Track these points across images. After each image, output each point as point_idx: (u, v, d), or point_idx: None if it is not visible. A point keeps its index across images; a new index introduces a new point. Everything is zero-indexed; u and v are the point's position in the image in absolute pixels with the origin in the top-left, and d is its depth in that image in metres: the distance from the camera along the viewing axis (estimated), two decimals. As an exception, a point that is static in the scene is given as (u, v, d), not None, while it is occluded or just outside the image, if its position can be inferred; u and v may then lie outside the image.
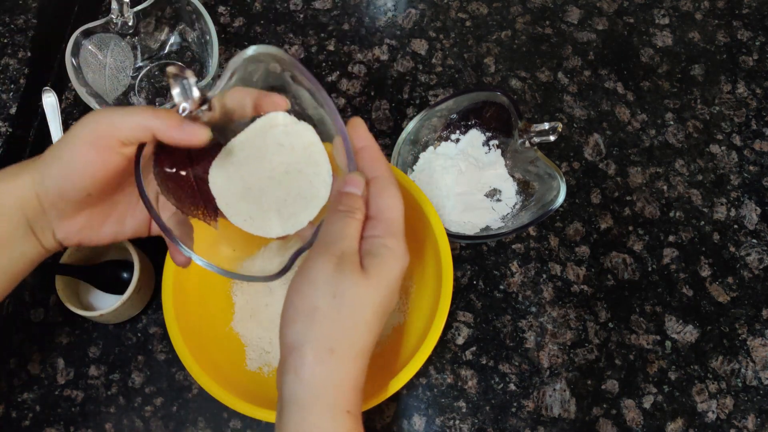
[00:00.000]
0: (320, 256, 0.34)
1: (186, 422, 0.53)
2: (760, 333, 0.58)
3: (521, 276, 0.59)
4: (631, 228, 0.62)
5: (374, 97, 0.67)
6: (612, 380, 0.56)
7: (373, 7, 0.72)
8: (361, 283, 0.34)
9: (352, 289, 0.34)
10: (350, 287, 0.34)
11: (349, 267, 0.34)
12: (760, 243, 0.62)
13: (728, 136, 0.67)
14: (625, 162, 0.65)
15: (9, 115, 0.61)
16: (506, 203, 0.60)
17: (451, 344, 0.57)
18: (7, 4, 0.67)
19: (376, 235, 0.36)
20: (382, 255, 0.35)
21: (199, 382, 0.44)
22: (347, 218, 0.35)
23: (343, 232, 0.35)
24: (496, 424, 0.54)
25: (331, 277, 0.34)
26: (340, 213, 0.36)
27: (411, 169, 0.61)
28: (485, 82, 0.68)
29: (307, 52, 0.69)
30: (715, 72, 0.70)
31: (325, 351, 0.33)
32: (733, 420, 0.55)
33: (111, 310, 0.50)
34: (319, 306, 0.33)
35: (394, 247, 0.35)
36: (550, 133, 0.52)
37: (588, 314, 0.58)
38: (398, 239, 0.36)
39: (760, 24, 0.73)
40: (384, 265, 0.35)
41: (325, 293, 0.33)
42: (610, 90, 0.68)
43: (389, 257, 0.35)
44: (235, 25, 0.70)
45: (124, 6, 0.60)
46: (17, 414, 0.53)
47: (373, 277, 0.34)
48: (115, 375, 0.55)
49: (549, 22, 0.72)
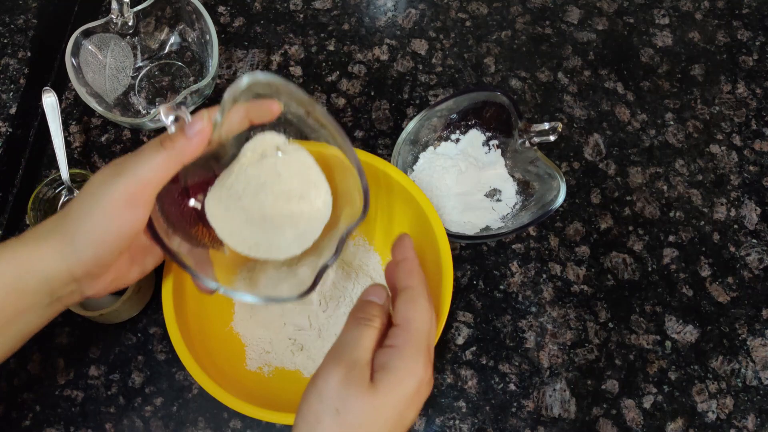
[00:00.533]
0: (330, 365, 0.33)
1: (186, 422, 0.53)
2: (760, 333, 0.58)
3: (521, 276, 0.59)
4: (631, 228, 0.62)
5: (374, 97, 0.67)
6: (612, 380, 0.56)
7: (373, 7, 0.72)
8: (367, 399, 0.32)
9: (357, 406, 0.32)
10: (355, 403, 0.32)
11: (356, 381, 0.33)
12: (760, 243, 0.62)
13: (728, 136, 0.67)
14: (625, 162, 0.65)
15: (9, 115, 0.61)
16: (506, 203, 0.60)
17: (451, 344, 0.57)
18: (7, 4, 0.67)
19: (395, 345, 0.34)
20: (396, 369, 0.33)
21: (199, 382, 0.44)
22: (363, 326, 0.35)
23: (357, 341, 0.34)
24: (496, 424, 0.54)
25: (336, 391, 0.32)
26: (358, 320, 0.35)
27: (411, 169, 0.61)
28: (485, 82, 0.68)
29: (307, 52, 0.69)
30: (715, 72, 0.70)
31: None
32: (733, 420, 0.55)
33: (111, 310, 0.50)
34: (322, 420, 0.32)
35: (412, 360, 0.34)
36: (550, 133, 0.52)
37: (588, 314, 0.58)
38: (419, 352, 0.34)
39: (760, 24, 0.73)
40: (395, 380, 0.33)
41: (328, 407, 0.32)
42: (610, 90, 0.68)
43: (403, 372, 0.33)
44: (235, 25, 0.70)
45: (124, 6, 0.60)
46: (17, 414, 0.53)
47: (381, 394, 0.32)
48: (115, 375, 0.55)
49: (549, 22, 0.72)
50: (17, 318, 0.36)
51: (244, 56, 0.69)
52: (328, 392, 0.33)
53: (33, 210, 0.56)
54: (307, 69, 0.68)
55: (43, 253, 0.35)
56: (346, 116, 0.66)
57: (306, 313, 0.53)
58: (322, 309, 0.53)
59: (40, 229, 0.37)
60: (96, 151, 0.63)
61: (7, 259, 0.35)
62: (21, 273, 0.35)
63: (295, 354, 0.52)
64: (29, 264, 0.35)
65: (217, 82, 0.66)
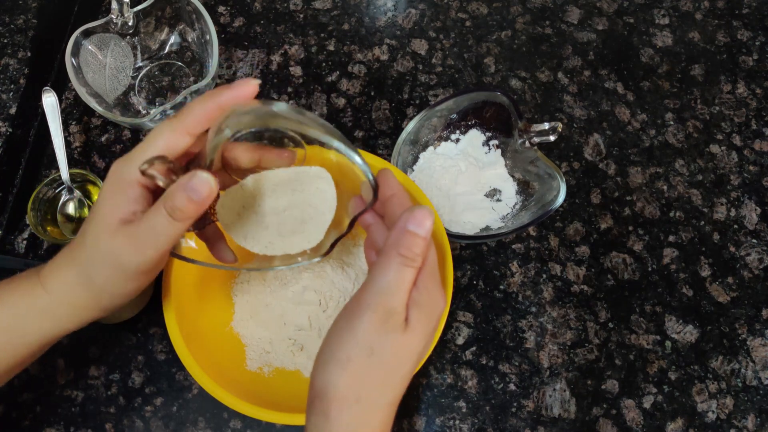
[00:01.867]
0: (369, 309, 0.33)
1: (186, 422, 0.53)
2: (760, 333, 0.58)
3: (521, 276, 0.59)
4: (631, 228, 0.62)
5: (374, 97, 0.67)
6: (612, 380, 0.56)
7: (373, 7, 0.72)
8: (403, 340, 0.33)
9: (393, 347, 0.33)
10: (391, 346, 0.33)
11: (394, 326, 0.33)
12: (760, 243, 0.62)
13: (728, 136, 0.67)
14: (625, 162, 0.65)
15: (9, 115, 0.61)
16: (506, 203, 0.60)
17: (451, 344, 0.57)
18: (7, 4, 0.67)
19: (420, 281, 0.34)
20: (426, 305, 0.34)
21: (199, 382, 0.44)
22: (405, 268, 0.33)
23: (397, 285, 0.33)
24: (496, 424, 0.54)
25: (373, 334, 0.33)
26: (399, 259, 0.33)
27: (411, 169, 0.61)
28: (485, 82, 0.68)
29: (307, 52, 0.69)
30: (715, 72, 0.70)
31: (352, 400, 0.32)
32: (733, 420, 0.55)
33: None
34: (353, 359, 0.33)
35: (435, 292, 0.34)
36: (550, 133, 0.52)
37: (588, 314, 0.58)
38: (437, 281, 0.35)
39: (760, 24, 0.73)
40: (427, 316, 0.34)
41: (363, 348, 0.33)
42: (610, 90, 0.68)
43: (432, 306, 0.34)
44: (235, 25, 0.70)
45: (124, 6, 0.60)
46: (17, 414, 0.53)
47: (416, 332, 0.33)
48: (115, 375, 0.55)
49: (549, 22, 0.72)
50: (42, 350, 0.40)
51: (244, 56, 0.69)
52: (363, 334, 0.33)
53: (33, 210, 0.56)
54: (307, 69, 0.68)
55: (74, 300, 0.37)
56: (346, 116, 0.66)
57: (306, 313, 0.53)
58: (322, 309, 0.53)
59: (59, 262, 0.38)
60: (96, 151, 0.63)
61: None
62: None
63: (296, 354, 0.52)
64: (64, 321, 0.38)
65: (217, 82, 0.66)
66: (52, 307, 0.37)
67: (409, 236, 0.33)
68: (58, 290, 0.37)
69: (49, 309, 0.37)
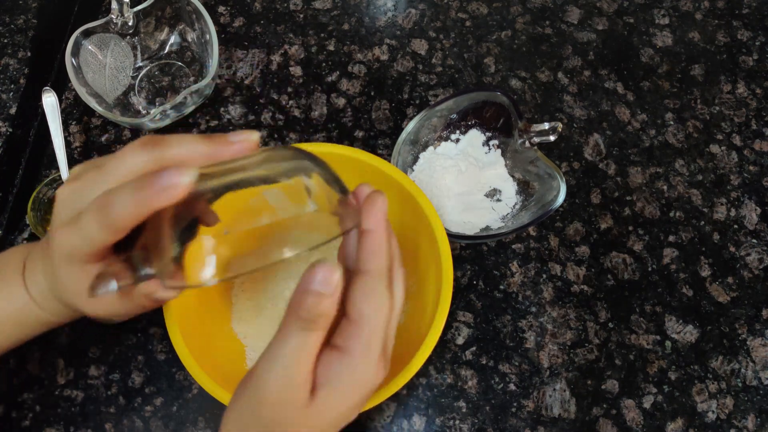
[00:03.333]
0: (266, 383, 0.30)
1: (186, 422, 0.53)
2: (760, 333, 0.58)
3: (521, 276, 0.59)
4: (631, 228, 0.62)
5: (374, 97, 0.67)
6: (612, 380, 0.56)
7: (373, 7, 0.72)
8: (306, 414, 0.29)
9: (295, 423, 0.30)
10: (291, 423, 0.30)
11: (292, 401, 0.29)
12: (760, 243, 0.62)
13: (728, 136, 0.67)
14: (625, 162, 0.65)
15: (9, 115, 0.61)
16: (506, 203, 0.60)
17: (451, 344, 0.57)
18: (7, 4, 0.67)
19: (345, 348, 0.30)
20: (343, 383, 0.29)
21: (199, 382, 0.44)
22: (307, 332, 0.29)
23: (297, 354, 0.29)
24: (496, 424, 0.54)
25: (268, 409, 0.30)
26: (300, 323, 0.29)
27: (411, 169, 0.61)
28: (485, 82, 0.68)
29: (307, 52, 0.69)
30: (715, 72, 0.70)
31: None
32: (733, 420, 0.55)
33: (111, 310, 0.50)
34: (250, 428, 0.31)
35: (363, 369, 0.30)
36: (550, 133, 0.52)
37: (588, 314, 0.58)
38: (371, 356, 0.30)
39: (760, 24, 0.73)
40: (340, 397, 0.30)
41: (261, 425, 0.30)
42: (610, 90, 0.68)
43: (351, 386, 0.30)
44: (235, 25, 0.70)
45: (124, 6, 0.60)
46: (17, 414, 0.53)
47: (322, 409, 0.30)
48: (115, 375, 0.55)
49: (549, 22, 0.72)
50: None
51: (244, 56, 0.69)
52: (261, 408, 0.30)
53: (33, 210, 0.56)
54: (307, 69, 0.68)
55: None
56: (346, 116, 0.66)
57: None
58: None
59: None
60: (96, 151, 0.63)
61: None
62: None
63: (295, 354, 0.52)
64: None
65: (217, 82, 0.66)
66: (32, 305, 0.38)
67: (310, 296, 0.28)
68: (34, 288, 0.38)
69: (30, 306, 0.38)
